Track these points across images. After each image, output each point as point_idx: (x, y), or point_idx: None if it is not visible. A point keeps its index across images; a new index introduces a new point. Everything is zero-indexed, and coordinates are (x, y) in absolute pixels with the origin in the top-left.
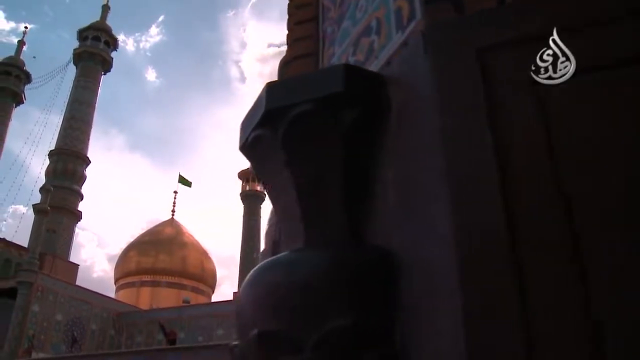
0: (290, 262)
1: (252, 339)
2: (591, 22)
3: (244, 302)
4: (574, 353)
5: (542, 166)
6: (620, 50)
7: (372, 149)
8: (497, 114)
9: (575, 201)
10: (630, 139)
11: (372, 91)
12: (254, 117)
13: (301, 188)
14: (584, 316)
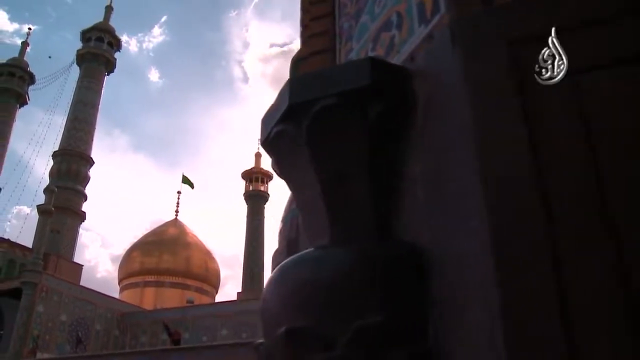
0: (317, 258)
1: (280, 337)
2: (624, 12)
3: (270, 300)
4: (619, 346)
5: (579, 157)
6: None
7: (399, 143)
8: (531, 106)
9: (612, 193)
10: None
11: (398, 85)
12: (276, 111)
13: (325, 183)
14: (624, 315)
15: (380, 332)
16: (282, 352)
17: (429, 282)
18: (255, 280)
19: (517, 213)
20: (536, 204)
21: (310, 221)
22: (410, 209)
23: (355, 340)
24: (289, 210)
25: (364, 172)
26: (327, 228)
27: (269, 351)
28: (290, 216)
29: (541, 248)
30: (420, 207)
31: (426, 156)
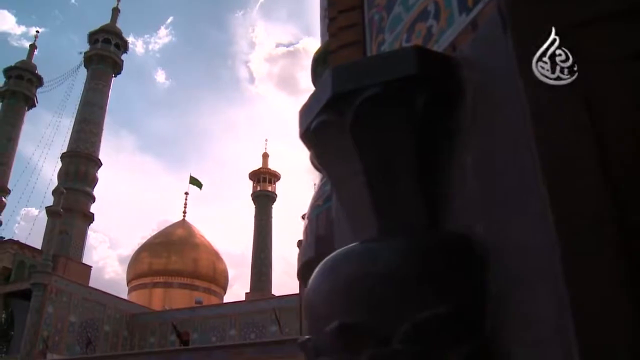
0: (368, 251)
1: (331, 332)
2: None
3: (316, 296)
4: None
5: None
6: None
7: (447, 132)
8: (591, 91)
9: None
10: None
11: (444, 73)
12: (317, 102)
13: (371, 174)
14: None
15: (439, 327)
16: (334, 348)
17: (485, 275)
18: (263, 281)
19: (585, 202)
20: (605, 193)
21: (354, 213)
22: (461, 199)
23: (413, 335)
24: (314, 206)
25: (412, 162)
26: (374, 220)
27: (318, 347)
28: (316, 212)
29: (611, 238)
30: (473, 197)
31: (479, 145)
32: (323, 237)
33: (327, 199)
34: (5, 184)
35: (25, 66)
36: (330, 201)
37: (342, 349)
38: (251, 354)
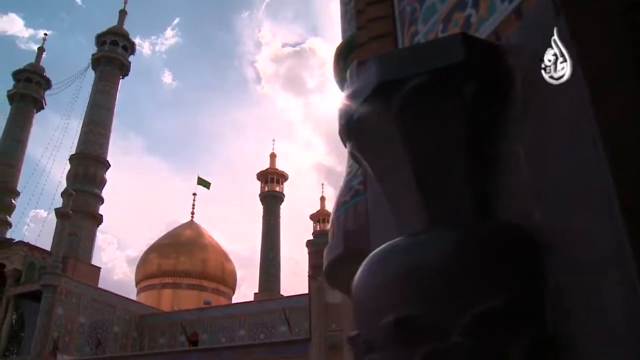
0: (422, 243)
1: (387, 326)
2: None
3: (365, 290)
4: None
5: None
6: None
7: (496, 120)
8: None
9: None
10: None
11: (492, 61)
12: (360, 92)
13: (418, 164)
14: None
15: (500, 318)
16: (390, 343)
17: (543, 265)
18: (271, 281)
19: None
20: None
21: (399, 205)
22: (512, 189)
23: (473, 327)
24: (341, 202)
25: (460, 151)
26: (421, 211)
27: (371, 342)
28: (344, 208)
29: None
30: (526, 186)
31: (531, 133)
32: (352, 232)
33: (355, 194)
34: (14, 186)
35: (34, 69)
36: (359, 196)
37: (398, 343)
38: (260, 354)
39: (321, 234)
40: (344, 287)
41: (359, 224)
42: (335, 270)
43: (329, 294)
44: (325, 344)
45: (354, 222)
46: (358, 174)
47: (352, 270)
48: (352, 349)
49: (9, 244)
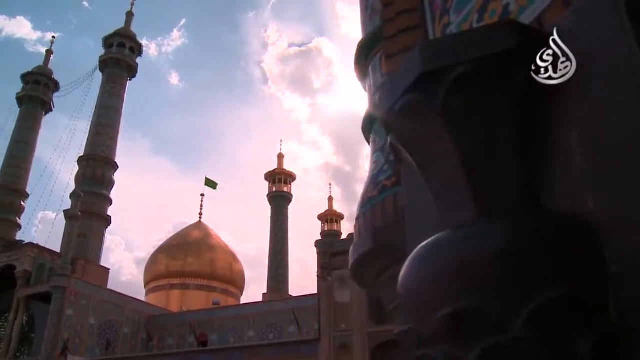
0: (475, 234)
1: (441, 320)
2: None
3: (416, 284)
4: None
5: None
6: None
7: (547, 109)
8: None
9: None
10: None
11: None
12: (402, 80)
13: (466, 154)
14: None
15: (563, 309)
16: (445, 337)
17: (603, 254)
18: (280, 281)
19: None
20: None
21: (444, 196)
22: (566, 177)
23: (535, 320)
24: (367, 199)
25: (511, 140)
26: (470, 201)
27: (423, 337)
28: (370, 204)
29: None
30: (581, 173)
31: (586, 119)
32: (381, 228)
33: (383, 190)
34: (24, 188)
35: (42, 71)
36: (387, 192)
37: (454, 337)
38: (270, 354)
39: (329, 234)
40: (370, 284)
41: (388, 219)
42: (362, 268)
43: (338, 294)
44: (335, 343)
45: (383, 218)
46: (385, 169)
47: (380, 266)
48: (402, 344)
49: (19, 245)
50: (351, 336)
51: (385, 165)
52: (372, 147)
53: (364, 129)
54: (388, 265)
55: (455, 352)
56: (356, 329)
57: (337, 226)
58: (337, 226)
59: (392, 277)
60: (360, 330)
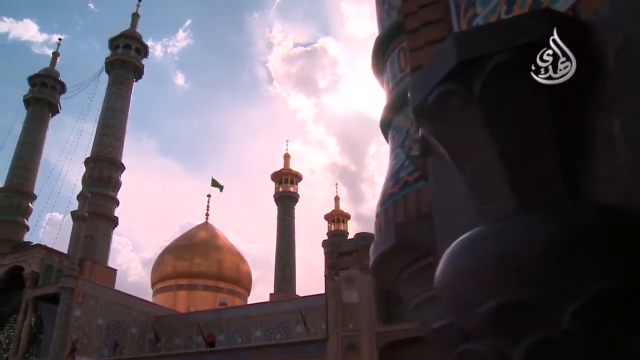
0: (518, 227)
1: (486, 314)
2: None
3: (458, 277)
4: None
5: None
6: None
7: (587, 98)
8: None
9: None
10: None
11: (581, 36)
12: (435, 72)
13: (504, 145)
14: None
15: (614, 302)
16: (490, 331)
17: None
18: (287, 281)
19: None
20: None
21: (481, 190)
22: (608, 167)
23: (585, 313)
24: (389, 195)
25: (551, 131)
26: (508, 194)
27: (466, 331)
28: (392, 200)
29: None
30: (624, 164)
31: (629, 108)
32: (404, 224)
33: (405, 186)
34: (31, 190)
35: (49, 73)
36: (408, 188)
37: (499, 331)
38: (278, 354)
39: (336, 233)
40: (391, 281)
41: (410, 215)
42: (383, 265)
43: (346, 294)
44: (343, 343)
45: (405, 214)
46: (405, 165)
47: (401, 263)
48: (441, 339)
49: (27, 247)
50: (359, 336)
51: (406, 161)
52: (391, 143)
53: (382, 125)
54: (410, 262)
55: (500, 347)
56: (364, 328)
57: (343, 226)
58: (343, 226)
59: (412, 275)
60: (368, 330)
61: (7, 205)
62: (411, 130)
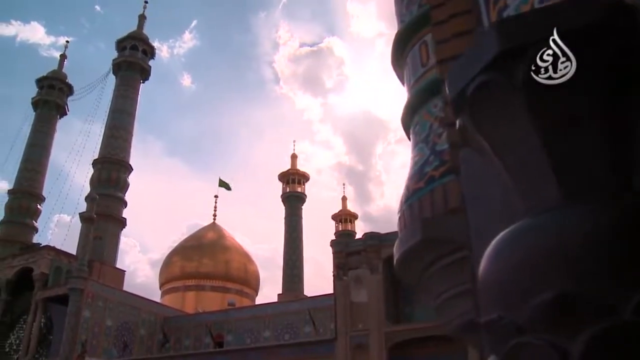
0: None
1: (542, 306)
2: None
3: (508, 269)
4: None
5: None
6: None
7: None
8: None
9: None
10: None
11: (631, 22)
12: (475, 62)
13: (549, 133)
14: None
15: None
16: (545, 323)
17: None
18: (295, 282)
19: None
20: None
21: (524, 179)
22: None
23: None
24: (414, 190)
25: (599, 119)
26: (553, 184)
27: (518, 324)
28: (417, 196)
29: None
30: None
31: None
32: (431, 220)
33: (430, 181)
34: (40, 192)
35: (56, 76)
36: (434, 182)
37: (556, 323)
38: (286, 354)
39: (344, 233)
40: (416, 279)
41: (438, 210)
42: (408, 262)
43: (354, 294)
44: (351, 343)
45: (432, 209)
46: (430, 160)
47: (428, 259)
48: (490, 333)
49: (36, 248)
50: (368, 336)
51: (431, 156)
52: (414, 139)
53: (403, 121)
54: (436, 258)
55: (557, 339)
56: (373, 328)
57: (351, 226)
58: (351, 226)
59: (439, 271)
60: (377, 330)
61: (17, 207)
62: (435, 125)
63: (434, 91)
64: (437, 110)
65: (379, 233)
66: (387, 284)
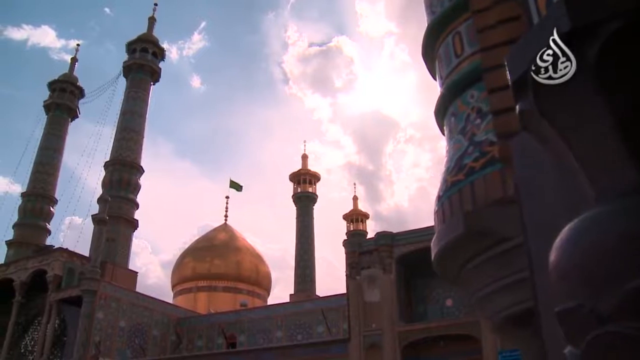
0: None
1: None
2: None
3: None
4: None
5: None
6: None
7: None
8: None
9: None
10: None
11: None
12: (535, 43)
13: (622, 115)
14: None
15: None
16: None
17: None
18: (307, 282)
19: None
20: None
21: (594, 163)
22: None
23: None
24: (453, 182)
25: None
26: (627, 168)
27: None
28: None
29: None
30: None
31: None
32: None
33: (470, 172)
34: (52, 194)
35: (68, 79)
36: (475, 174)
37: None
38: (300, 355)
39: (355, 233)
40: (455, 274)
41: (480, 203)
42: (448, 256)
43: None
44: (365, 343)
45: (473, 202)
46: (469, 151)
47: (469, 253)
48: (566, 323)
49: (49, 250)
50: (381, 336)
51: (469, 147)
52: (449, 130)
53: (436, 113)
54: (478, 251)
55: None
56: (386, 328)
57: (362, 226)
58: (362, 226)
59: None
60: (390, 330)
61: (30, 209)
62: (472, 116)
63: (469, 81)
64: (473, 100)
65: (391, 232)
66: (400, 283)
